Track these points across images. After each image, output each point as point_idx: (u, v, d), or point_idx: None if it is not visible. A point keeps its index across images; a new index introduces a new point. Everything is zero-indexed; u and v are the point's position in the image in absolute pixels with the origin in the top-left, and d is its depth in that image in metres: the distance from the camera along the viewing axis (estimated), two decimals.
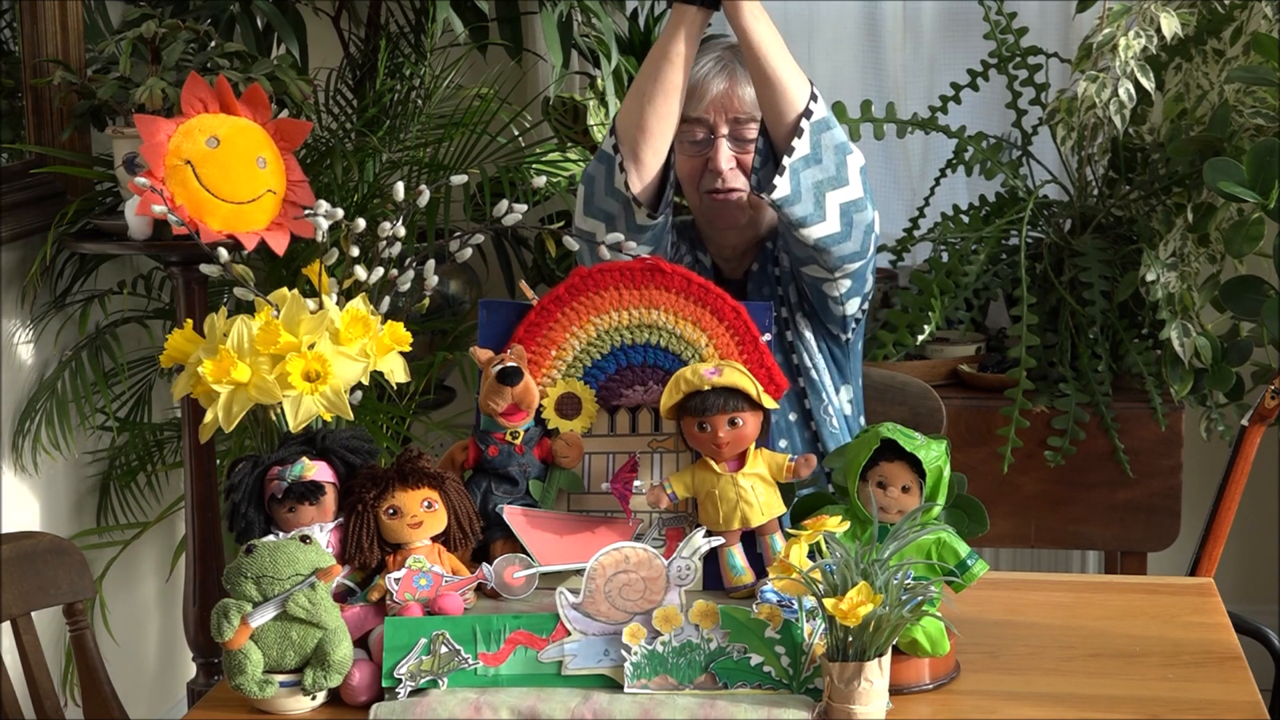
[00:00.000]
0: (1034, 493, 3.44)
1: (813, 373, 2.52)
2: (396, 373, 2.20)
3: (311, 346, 2.11)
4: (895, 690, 1.85)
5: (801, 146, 2.32)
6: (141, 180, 2.58)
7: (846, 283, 2.46)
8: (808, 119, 2.32)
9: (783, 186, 2.32)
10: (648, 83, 2.38)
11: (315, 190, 2.95)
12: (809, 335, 2.53)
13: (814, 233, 2.36)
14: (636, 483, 2.11)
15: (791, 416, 2.51)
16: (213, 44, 2.98)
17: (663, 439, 2.16)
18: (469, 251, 2.28)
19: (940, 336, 3.60)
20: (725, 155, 2.47)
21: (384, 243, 2.22)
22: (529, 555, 2.09)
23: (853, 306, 2.50)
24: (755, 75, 2.35)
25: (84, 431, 3.16)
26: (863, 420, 2.61)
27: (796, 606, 1.89)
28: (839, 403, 2.54)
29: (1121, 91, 3.22)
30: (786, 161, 2.31)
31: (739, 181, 2.48)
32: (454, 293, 3.65)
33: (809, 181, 2.33)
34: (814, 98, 2.33)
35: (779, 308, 2.52)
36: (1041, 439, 3.40)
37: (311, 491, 2.01)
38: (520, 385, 2.10)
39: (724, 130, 2.48)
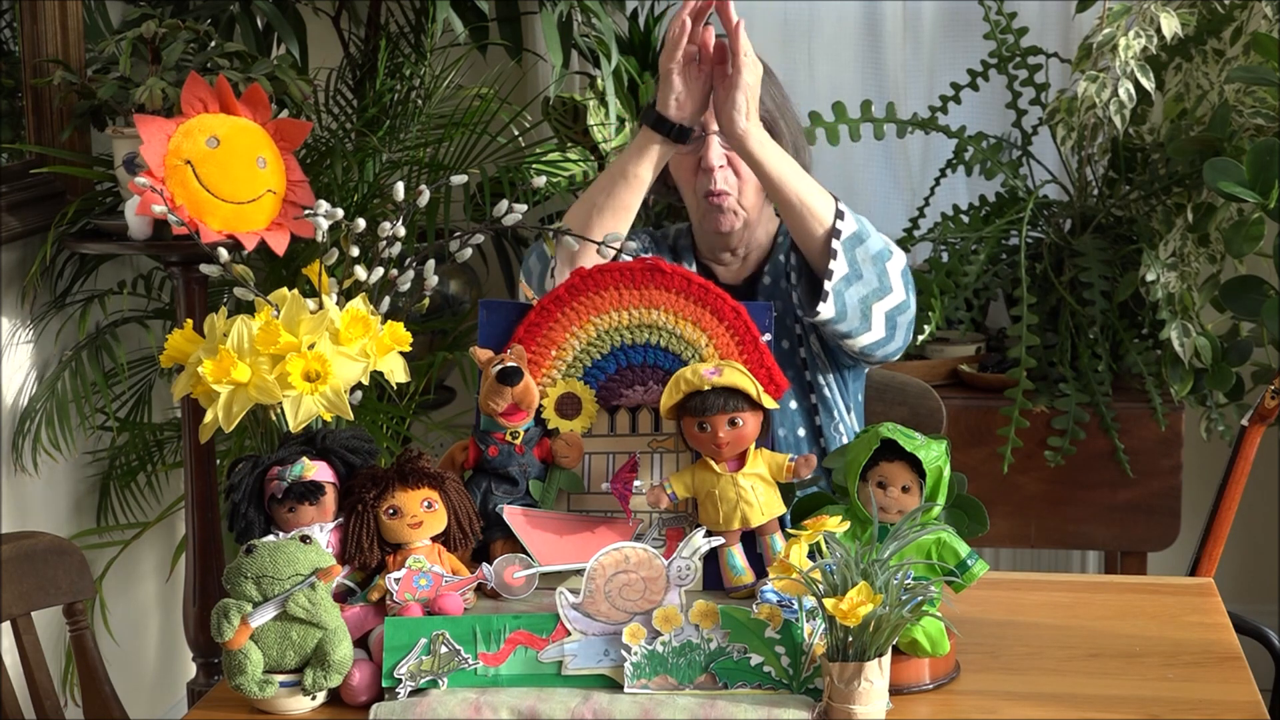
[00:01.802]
0: (1034, 493, 3.44)
1: (825, 390, 2.52)
2: (396, 373, 2.20)
3: (311, 346, 2.10)
4: (895, 690, 1.85)
5: (839, 266, 2.32)
6: (141, 180, 2.58)
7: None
8: (838, 238, 2.32)
9: (827, 310, 2.32)
10: (600, 195, 2.37)
11: (315, 190, 2.95)
12: (820, 354, 2.52)
13: (860, 342, 2.39)
14: (636, 483, 2.11)
15: (800, 432, 2.51)
16: (213, 44, 2.98)
17: (663, 439, 2.16)
18: (469, 251, 2.28)
19: (940, 336, 3.60)
20: (717, 153, 2.46)
21: (384, 243, 2.22)
22: (529, 555, 2.09)
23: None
24: (776, 201, 2.36)
25: (84, 431, 3.16)
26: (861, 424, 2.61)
27: (796, 606, 1.88)
28: (850, 420, 2.55)
29: (1121, 91, 3.22)
30: (828, 285, 2.31)
31: (730, 181, 2.48)
32: (454, 293, 3.65)
33: (854, 299, 2.34)
34: (840, 215, 2.33)
35: (792, 323, 2.51)
36: (1041, 439, 3.40)
37: (311, 491, 2.01)
38: (520, 385, 2.10)
39: (715, 126, 2.47)
